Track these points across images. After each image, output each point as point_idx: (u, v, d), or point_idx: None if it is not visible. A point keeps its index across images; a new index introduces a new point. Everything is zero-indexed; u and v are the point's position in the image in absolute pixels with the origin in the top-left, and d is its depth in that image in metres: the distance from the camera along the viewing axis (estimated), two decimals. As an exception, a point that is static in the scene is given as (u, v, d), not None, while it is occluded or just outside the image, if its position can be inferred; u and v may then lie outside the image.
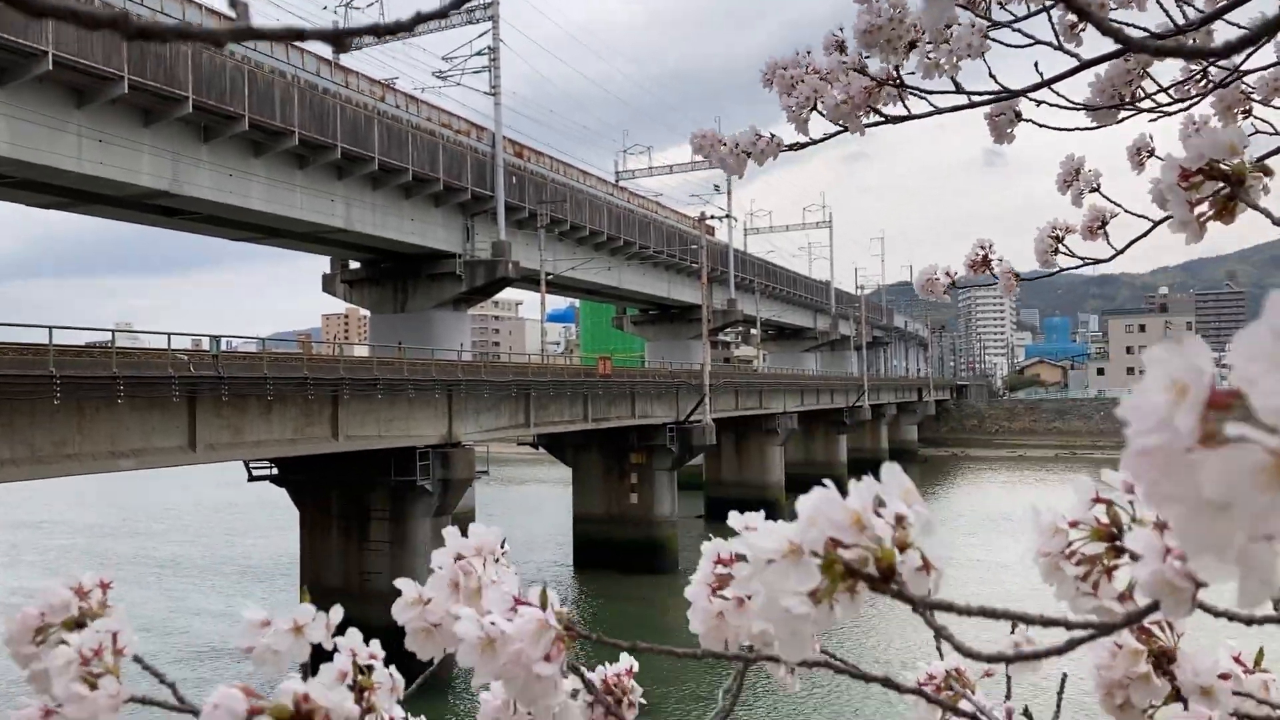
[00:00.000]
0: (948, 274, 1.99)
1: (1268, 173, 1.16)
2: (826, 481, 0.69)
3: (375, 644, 1.06)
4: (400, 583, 1.00)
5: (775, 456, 54.29)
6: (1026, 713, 1.28)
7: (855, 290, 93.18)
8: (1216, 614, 0.75)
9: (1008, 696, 1.30)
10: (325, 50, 40.21)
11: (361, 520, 27.21)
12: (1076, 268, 1.71)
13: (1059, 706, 1.26)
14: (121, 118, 26.52)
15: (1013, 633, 1.12)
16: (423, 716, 1.22)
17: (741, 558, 0.80)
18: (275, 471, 27.80)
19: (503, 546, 1.07)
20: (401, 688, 1.11)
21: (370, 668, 1.07)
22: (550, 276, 44.90)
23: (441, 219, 39.11)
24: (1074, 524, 0.83)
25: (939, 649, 1.26)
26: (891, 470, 0.70)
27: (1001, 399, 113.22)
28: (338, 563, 27.15)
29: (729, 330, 76.41)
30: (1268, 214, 1.17)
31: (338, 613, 1.07)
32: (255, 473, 27.30)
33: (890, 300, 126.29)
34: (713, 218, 57.31)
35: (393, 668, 1.08)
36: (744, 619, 0.86)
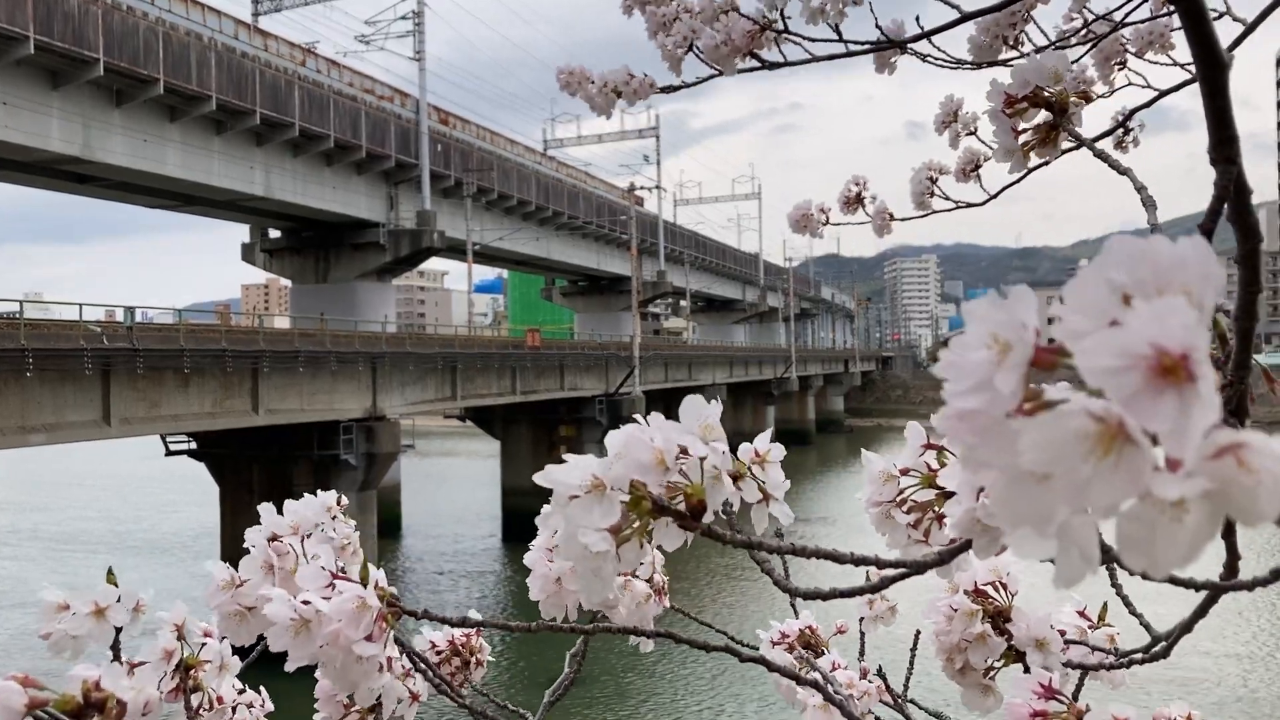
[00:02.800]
0: (822, 209, 1.97)
1: (1088, 99, 1.20)
2: (636, 416, 0.66)
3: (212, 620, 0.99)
4: (211, 565, 0.96)
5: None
6: (880, 672, 1.30)
7: (784, 262, 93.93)
8: (1041, 559, 0.73)
9: (861, 655, 1.33)
10: (244, 13, 39.23)
11: (284, 495, 25.14)
12: (950, 210, 1.68)
13: (911, 664, 1.28)
14: (28, 80, 25.53)
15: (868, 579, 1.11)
16: (261, 688, 1.16)
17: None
18: (194, 446, 27.29)
19: (339, 502, 1.07)
20: (235, 666, 1.08)
21: (203, 644, 1.04)
22: (477, 247, 44.43)
23: (364, 187, 38.45)
24: (905, 471, 0.83)
25: (793, 607, 1.34)
26: (691, 403, 0.68)
27: (926, 370, 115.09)
28: (259, 538, 26.70)
29: (659, 302, 76.52)
30: (1090, 145, 1.18)
31: (148, 592, 1.02)
32: (173, 447, 26.80)
33: (818, 273, 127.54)
34: (642, 188, 57.17)
35: (225, 643, 1.04)
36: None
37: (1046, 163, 1.30)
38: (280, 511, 1.02)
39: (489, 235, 45.48)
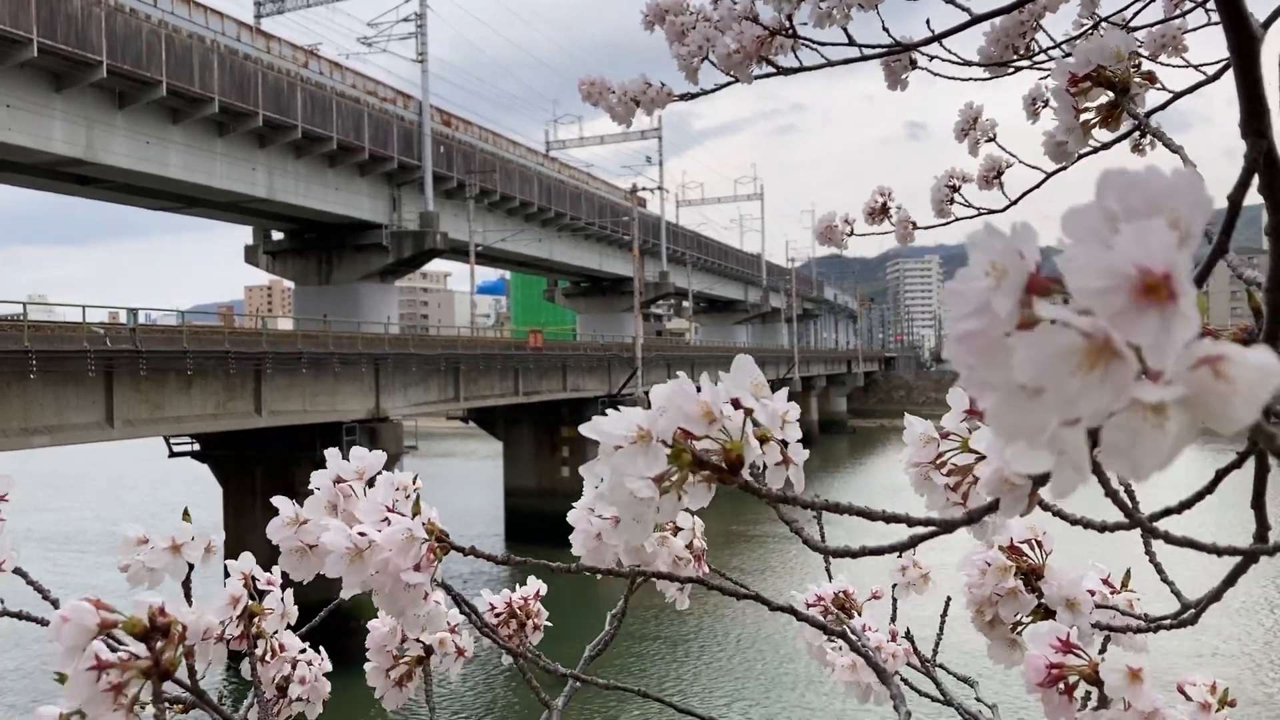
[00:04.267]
0: (846, 220, 1.99)
1: (1152, 80, 1.20)
2: (680, 373, 0.69)
3: (276, 571, 1.06)
4: (277, 500, 1.01)
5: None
6: (909, 635, 1.34)
7: (786, 263, 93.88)
8: (1072, 522, 0.79)
9: (893, 619, 1.37)
10: (246, 15, 39.27)
11: (287, 496, 26.72)
12: (971, 217, 1.70)
13: (941, 629, 1.31)
14: (31, 82, 25.54)
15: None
16: (320, 648, 1.21)
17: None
18: (197, 447, 27.28)
19: (415, 482, 1.07)
20: (295, 615, 1.14)
21: (264, 593, 1.10)
22: (480, 248, 44.43)
23: (367, 189, 38.45)
24: (945, 435, 0.84)
25: (828, 572, 1.37)
26: (743, 362, 0.71)
27: (929, 370, 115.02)
28: (262, 539, 26.48)
29: (661, 303, 76.45)
30: (1144, 123, 1.19)
31: (220, 535, 1.10)
32: (176, 449, 26.78)
33: (820, 273, 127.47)
34: (645, 189, 57.14)
35: (288, 593, 1.11)
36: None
37: (1064, 168, 1.31)
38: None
39: (491, 236, 45.47)
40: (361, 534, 0.88)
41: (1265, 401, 0.37)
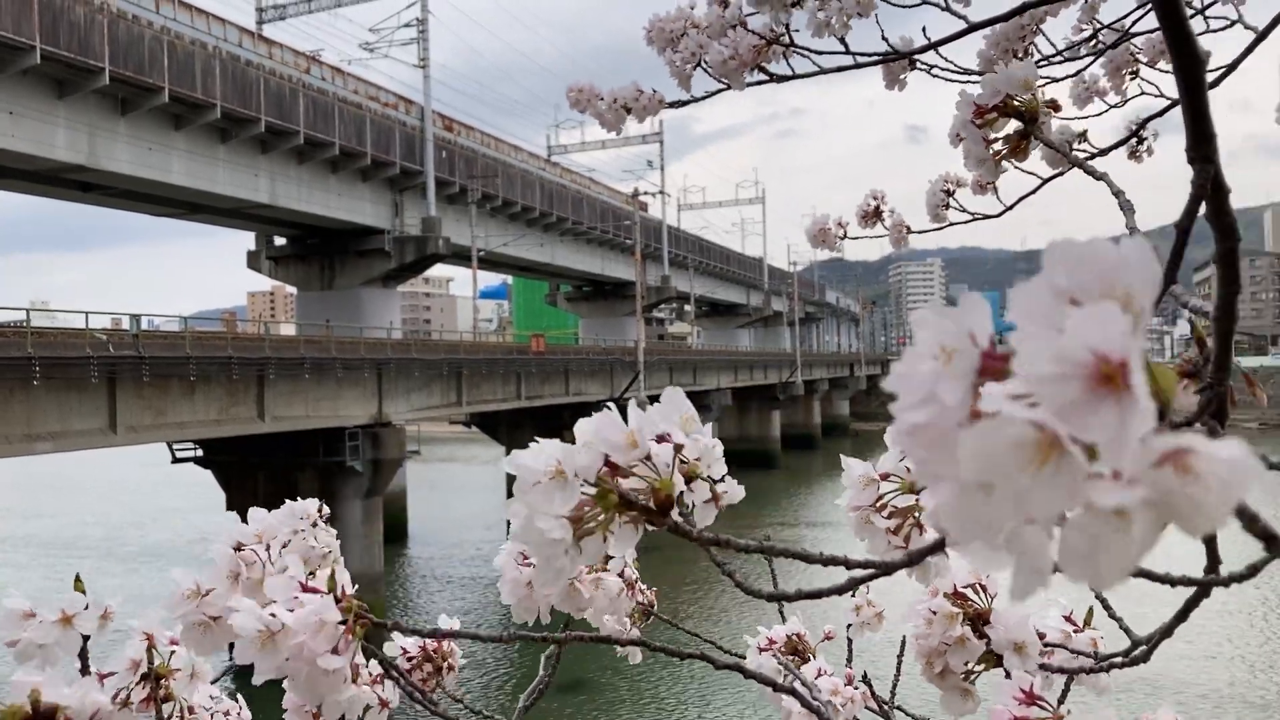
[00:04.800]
0: (840, 224, 1.99)
1: (1056, 108, 1.22)
2: (609, 405, 0.66)
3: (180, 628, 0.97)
4: (176, 573, 0.94)
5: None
6: (865, 678, 1.30)
7: (788, 266, 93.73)
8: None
9: (849, 661, 1.34)
10: (248, 21, 39.30)
11: (289, 501, 26.68)
12: (966, 222, 1.68)
13: (898, 670, 1.27)
14: (34, 89, 25.56)
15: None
16: (239, 697, 1.15)
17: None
18: (200, 453, 27.24)
19: (320, 511, 1.06)
20: (208, 674, 1.06)
21: (172, 652, 1.02)
22: (482, 253, 44.42)
23: (370, 194, 38.46)
24: (885, 476, 0.82)
25: (781, 613, 1.35)
26: (672, 395, 0.68)
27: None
28: (266, 545, 26.63)
29: (663, 307, 76.39)
30: (1057, 148, 1.20)
31: (119, 598, 1.03)
32: (179, 454, 26.75)
33: (822, 276, 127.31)
34: (646, 194, 57.18)
35: (191, 652, 1.01)
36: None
37: (1061, 173, 1.31)
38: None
39: (494, 241, 45.46)
40: (273, 614, 0.80)
41: (1238, 500, 0.34)
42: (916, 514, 0.81)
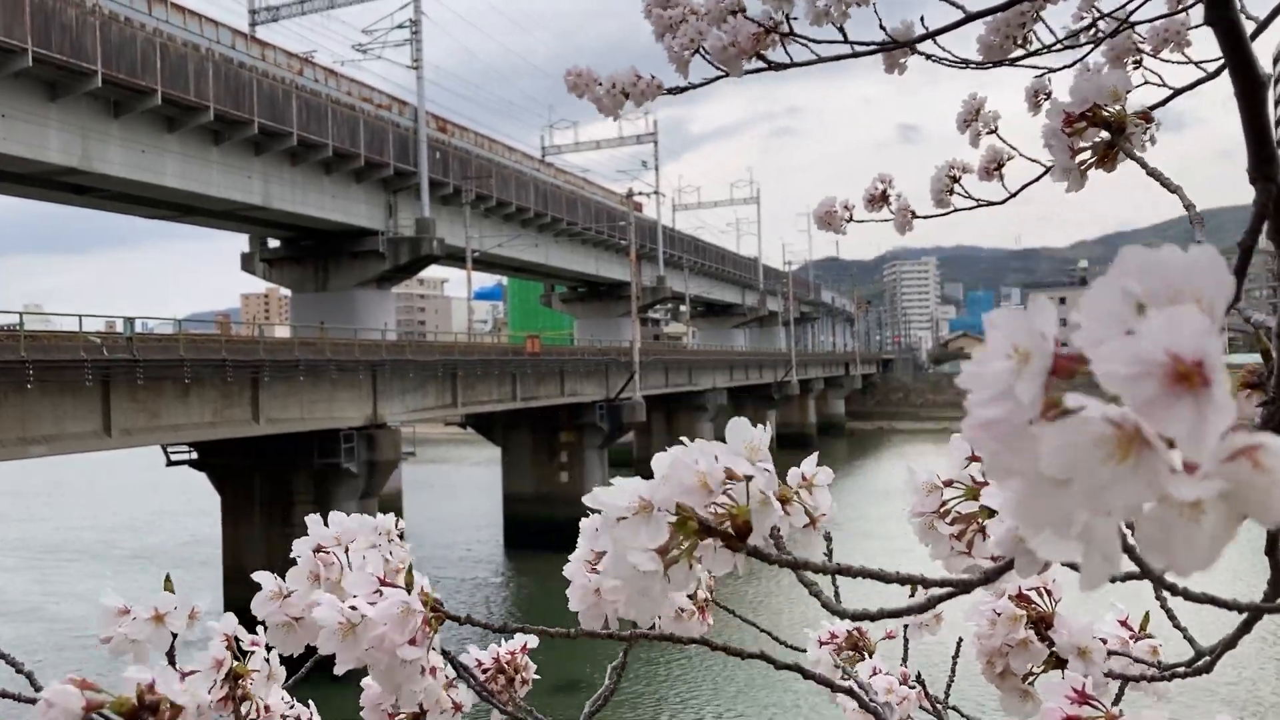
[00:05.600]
0: (846, 207, 1.99)
1: (1148, 120, 1.18)
2: (684, 439, 0.67)
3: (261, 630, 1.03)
4: (260, 576, 0.99)
5: (705, 432, 53.50)
6: (919, 678, 1.32)
7: (783, 266, 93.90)
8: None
9: (904, 660, 1.36)
10: (241, 23, 39.26)
11: (285, 504, 26.72)
12: (971, 208, 1.68)
13: (953, 672, 1.28)
14: (26, 92, 25.51)
15: (912, 595, 1.08)
16: (310, 702, 1.17)
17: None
18: (194, 456, 27.21)
19: (397, 525, 1.07)
20: (282, 675, 1.09)
21: (249, 653, 1.05)
22: (476, 254, 44.41)
23: (363, 195, 38.44)
24: (949, 483, 0.83)
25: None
26: (737, 426, 0.69)
27: (927, 372, 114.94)
28: (260, 548, 26.59)
29: (658, 307, 76.45)
30: (1144, 164, 1.18)
31: (207, 599, 1.06)
32: (174, 457, 26.74)
33: (818, 276, 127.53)
34: (641, 194, 57.27)
35: (273, 653, 1.06)
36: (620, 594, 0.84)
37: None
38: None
39: (488, 242, 45.45)
40: (354, 608, 0.86)
41: None
42: (980, 521, 0.81)
